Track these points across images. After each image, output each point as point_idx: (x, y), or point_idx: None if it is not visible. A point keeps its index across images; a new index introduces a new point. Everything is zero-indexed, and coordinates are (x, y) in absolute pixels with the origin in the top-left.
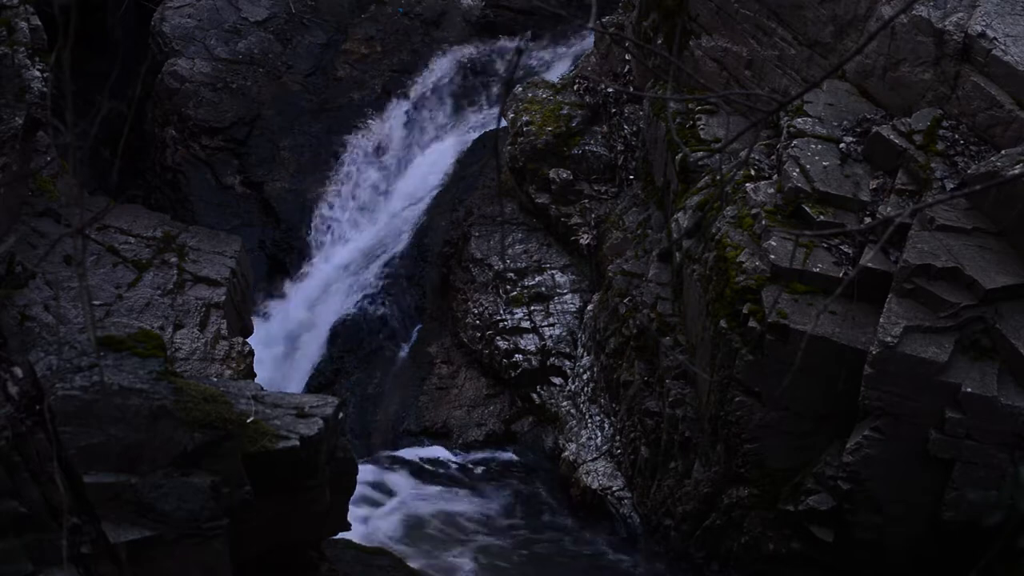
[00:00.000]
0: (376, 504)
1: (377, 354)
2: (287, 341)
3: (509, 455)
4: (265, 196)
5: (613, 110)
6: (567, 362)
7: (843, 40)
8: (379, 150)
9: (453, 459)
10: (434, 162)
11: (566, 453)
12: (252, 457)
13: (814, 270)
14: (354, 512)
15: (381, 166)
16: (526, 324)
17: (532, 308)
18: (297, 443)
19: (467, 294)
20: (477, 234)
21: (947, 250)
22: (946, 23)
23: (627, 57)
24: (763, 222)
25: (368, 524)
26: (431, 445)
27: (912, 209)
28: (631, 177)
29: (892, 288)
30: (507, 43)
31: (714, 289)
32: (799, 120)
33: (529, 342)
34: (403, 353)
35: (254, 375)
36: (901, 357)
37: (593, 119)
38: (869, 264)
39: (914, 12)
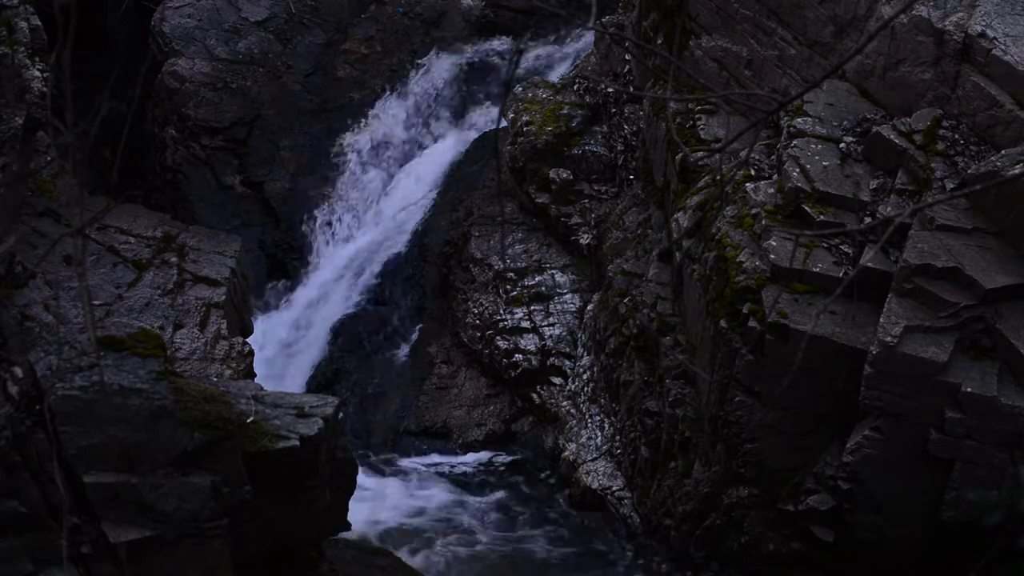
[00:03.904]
0: (376, 504)
1: (377, 354)
2: (287, 341)
3: (509, 455)
4: (265, 196)
5: (613, 110)
6: (567, 362)
7: (843, 40)
8: (379, 150)
9: (453, 459)
10: (434, 162)
11: (566, 453)
12: (252, 457)
13: (814, 270)
14: (354, 512)
15: (381, 166)
16: (526, 324)
17: (532, 308)
18: (297, 443)
19: (467, 294)
20: (477, 234)
21: (947, 250)
22: (946, 23)
23: (627, 57)
24: (763, 222)
25: (368, 524)
26: (431, 445)
27: (912, 209)
28: (631, 177)
29: (892, 288)
30: (507, 43)
31: (714, 289)
32: (799, 120)
33: (529, 342)
34: (403, 353)
35: (254, 375)
36: (901, 357)
37: (593, 119)
38: (869, 264)
39: (914, 12)
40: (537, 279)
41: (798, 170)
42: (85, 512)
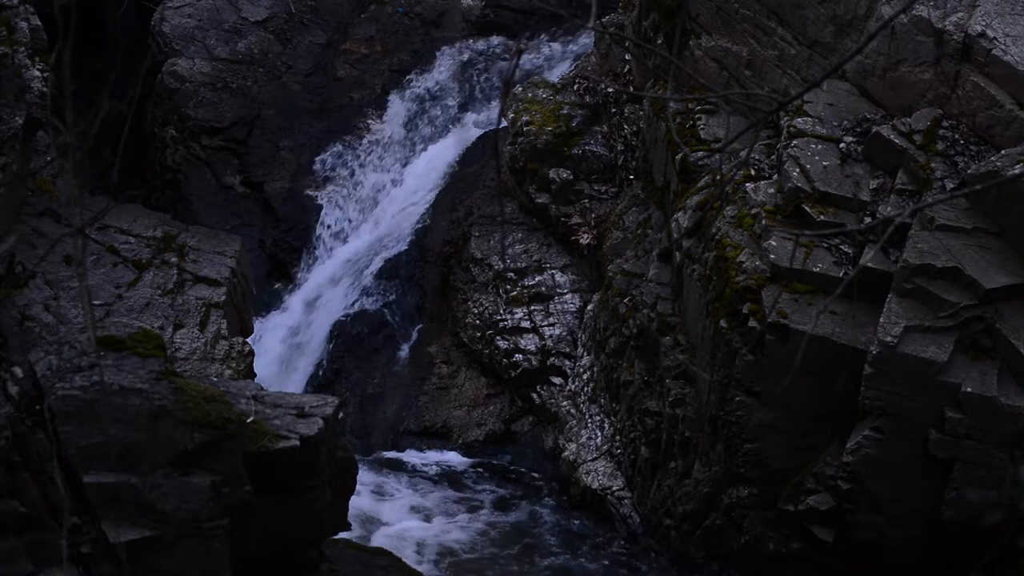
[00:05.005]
0: (376, 504)
1: (377, 354)
2: (287, 341)
3: (509, 455)
4: (265, 196)
5: (613, 110)
6: (567, 362)
7: (843, 40)
8: (379, 150)
9: (453, 459)
10: (434, 162)
11: (566, 453)
12: (252, 457)
13: (814, 270)
14: (354, 512)
15: (381, 166)
16: (526, 324)
17: (532, 308)
18: (297, 443)
19: (467, 294)
20: (477, 234)
21: (947, 250)
22: (946, 23)
23: (627, 57)
24: (763, 222)
25: (368, 524)
26: (431, 445)
27: (912, 209)
28: (631, 177)
29: (892, 288)
30: (507, 43)
31: (714, 289)
32: (799, 120)
33: (529, 342)
34: (403, 353)
35: (254, 375)
36: (901, 357)
37: (593, 119)
38: (869, 264)
39: (914, 12)
40: (537, 279)
41: (798, 170)
42: (85, 512)
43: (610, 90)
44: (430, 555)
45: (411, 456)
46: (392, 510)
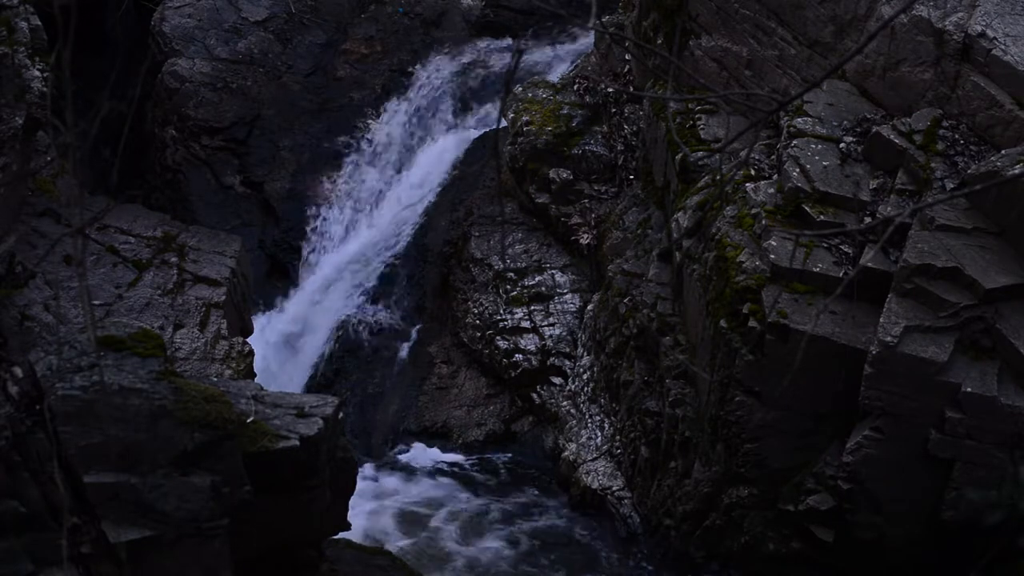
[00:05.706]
0: (376, 504)
1: (377, 354)
2: (287, 341)
3: (509, 455)
4: (265, 196)
5: (613, 110)
6: (567, 362)
7: (843, 40)
8: (379, 150)
9: (453, 459)
10: (434, 162)
11: (566, 453)
12: (252, 457)
13: (814, 270)
14: (354, 512)
15: (381, 166)
16: (526, 324)
17: (532, 308)
18: (297, 443)
19: (467, 294)
20: (477, 234)
21: (947, 250)
22: (946, 23)
23: (627, 57)
24: (763, 222)
25: (368, 524)
26: (431, 445)
27: (912, 209)
28: (631, 177)
29: (892, 288)
30: (507, 43)
31: (714, 289)
32: (799, 120)
33: (529, 342)
34: (403, 353)
35: (254, 375)
36: (901, 357)
37: (593, 119)
38: (869, 264)
39: (914, 12)
40: (537, 279)
41: (798, 170)
42: (85, 512)
43: (610, 90)
44: (429, 555)
45: (411, 456)
46: (392, 510)
